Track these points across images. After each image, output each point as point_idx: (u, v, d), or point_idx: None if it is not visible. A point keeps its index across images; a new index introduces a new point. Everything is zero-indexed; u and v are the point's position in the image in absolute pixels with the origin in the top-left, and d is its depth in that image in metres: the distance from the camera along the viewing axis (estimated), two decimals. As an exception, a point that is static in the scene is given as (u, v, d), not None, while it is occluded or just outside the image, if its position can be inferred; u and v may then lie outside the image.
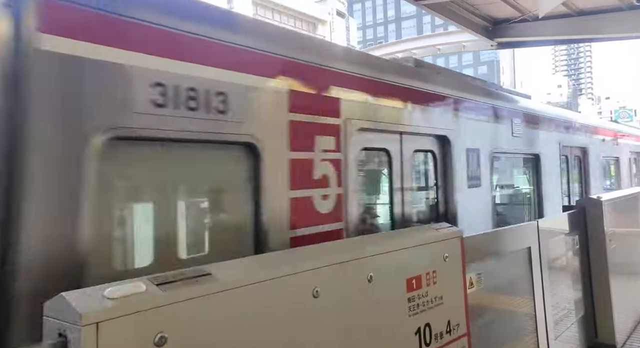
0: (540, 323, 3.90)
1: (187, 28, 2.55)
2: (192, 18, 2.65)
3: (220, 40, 2.71)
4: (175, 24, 2.51)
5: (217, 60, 2.66)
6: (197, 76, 2.54)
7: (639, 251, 6.02)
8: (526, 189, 6.30)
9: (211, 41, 2.66)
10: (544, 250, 4.04)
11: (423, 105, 4.21)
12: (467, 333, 2.86)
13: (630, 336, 5.00)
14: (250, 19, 3.84)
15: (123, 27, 2.31)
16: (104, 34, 2.23)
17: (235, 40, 2.79)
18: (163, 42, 2.44)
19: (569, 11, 8.16)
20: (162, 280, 1.64)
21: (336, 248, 2.45)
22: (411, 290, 2.53)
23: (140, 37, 2.36)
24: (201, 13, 2.75)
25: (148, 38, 2.39)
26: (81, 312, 1.35)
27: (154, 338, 1.48)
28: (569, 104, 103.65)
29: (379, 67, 4.00)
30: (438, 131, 4.36)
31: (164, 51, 2.43)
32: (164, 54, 2.42)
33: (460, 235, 2.92)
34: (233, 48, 2.78)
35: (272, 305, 1.89)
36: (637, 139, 10.97)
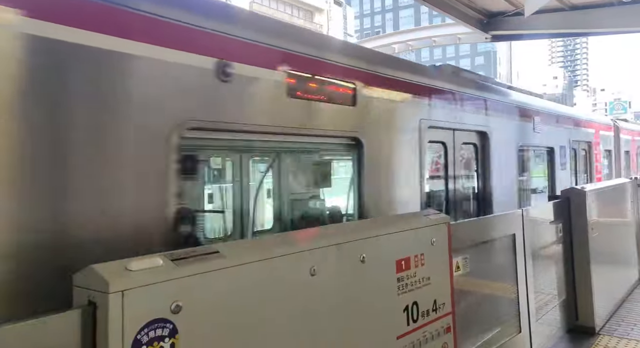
0: (522, 306, 4.14)
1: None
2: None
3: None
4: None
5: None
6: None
7: (620, 239, 6.29)
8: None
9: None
10: (528, 237, 4.27)
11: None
12: (452, 312, 3.09)
13: (609, 320, 5.27)
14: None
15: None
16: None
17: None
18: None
19: (562, 6, 8.31)
20: (176, 257, 1.83)
21: (332, 232, 2.65)
22: (400, 270, 2.74)
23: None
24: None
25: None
26: (109, 281, 1.54)
27: (171, 306, 1.68)
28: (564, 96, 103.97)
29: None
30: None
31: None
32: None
33: (447, 221, 3.13)
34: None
35: (272, 281, 2.09)
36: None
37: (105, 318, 1.53)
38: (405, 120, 4.33)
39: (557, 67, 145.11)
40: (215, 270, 1.86)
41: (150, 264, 1.70)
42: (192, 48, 2.66)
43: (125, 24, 2.42)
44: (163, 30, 2.56)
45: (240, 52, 2.93)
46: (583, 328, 4.93)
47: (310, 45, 3.49)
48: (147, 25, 2.51)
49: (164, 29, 2.57)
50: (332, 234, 2.55)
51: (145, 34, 2.48)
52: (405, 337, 2.73)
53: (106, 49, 2.34)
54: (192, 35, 2.69)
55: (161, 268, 1.71)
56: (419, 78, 4.61)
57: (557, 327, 4.78)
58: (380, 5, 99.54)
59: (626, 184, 6.86)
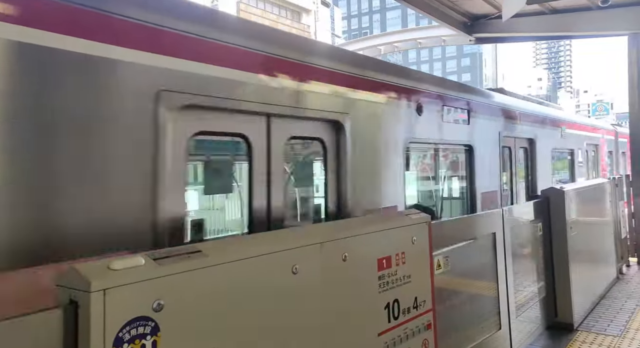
0: (502, 303, 4.23)
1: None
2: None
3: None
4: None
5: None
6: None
7: (598, 238, 6.46)
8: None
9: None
10: (508, 236, 4.36)
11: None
12: (433, 309, 3.16)
13: (587, 316, 5.41)
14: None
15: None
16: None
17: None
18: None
19: (543, 9, 8.49)
20: (158, 256, 1.86)
21: (315, 231, 2.69)
22: (382, 269, 2.80)
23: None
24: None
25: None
26: (90, 280, 1.57)
27: (152, 304, 1.71)
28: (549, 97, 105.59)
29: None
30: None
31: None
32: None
33: (427, 220, 3.19)
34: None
35: (255, 279, 2.13)
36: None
37: (87, 316, 1.55)
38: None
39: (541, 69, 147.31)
40: (197, 268, 1.89)
41: (132, 263, 1.72)
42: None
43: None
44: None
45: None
46: (562, 324, 5.06)
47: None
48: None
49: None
50: (314, 233, 2.59)
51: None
52: (387, 333, 2.78)
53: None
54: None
55: (143, 268, 1.73)
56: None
57: (537, 323, 4.90)
58: (367, 7, 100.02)
59: (605, 184, 7.04)
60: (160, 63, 2.64)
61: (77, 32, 2.31)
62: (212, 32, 2.98)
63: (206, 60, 2.89)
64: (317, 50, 3.96)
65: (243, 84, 3.12)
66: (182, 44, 2.77)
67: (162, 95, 2.63)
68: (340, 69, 3.97)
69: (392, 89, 4.67)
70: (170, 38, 2.71)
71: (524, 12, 8.55)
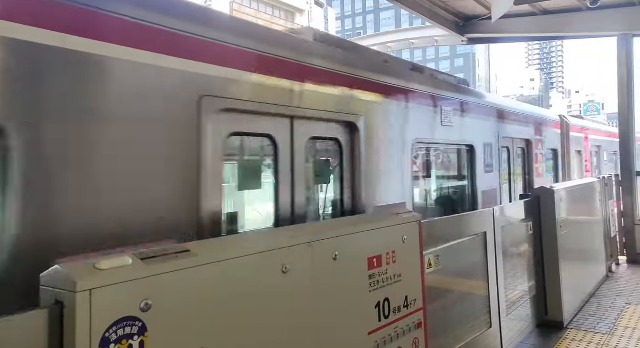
0: (493, 302, 4.26)
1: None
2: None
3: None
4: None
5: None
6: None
7: (588, 237, 6.51)
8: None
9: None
10: (498, 235, 4.39)
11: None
12: (423, 308, 3.17)
13: (576, 314, 5.45)
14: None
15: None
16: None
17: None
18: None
19: (534, 10, 8.55)
20: (146, 256, 1.85)
21: (305, 230, 2.69)
22: (372, 268, 2.81)
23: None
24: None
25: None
26: (76, 281, 1.56)
27: (140, 304, 1.70)
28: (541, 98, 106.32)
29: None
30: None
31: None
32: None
33: (418, 219, 3.21)
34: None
35: (245, 279, 2.12)
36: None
37: (72, 317, 1.54)
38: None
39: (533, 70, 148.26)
40: (185, 268, 1.88)
41: (119, 263, 1.71)
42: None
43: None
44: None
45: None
46: (552, 322, 5.10)
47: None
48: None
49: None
50: (304, 233, 2.59)
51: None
52: (377, 332, 2.79)
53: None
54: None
55: (130, 267, 1.72)
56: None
57: (527, 322, 4.93)
58: (361, 7, 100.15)
59: (595, 183, 7.10)
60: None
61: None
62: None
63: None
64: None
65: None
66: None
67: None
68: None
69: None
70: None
71: (515, 13, 8.61)
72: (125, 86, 2.57)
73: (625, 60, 8.27)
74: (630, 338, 4.69)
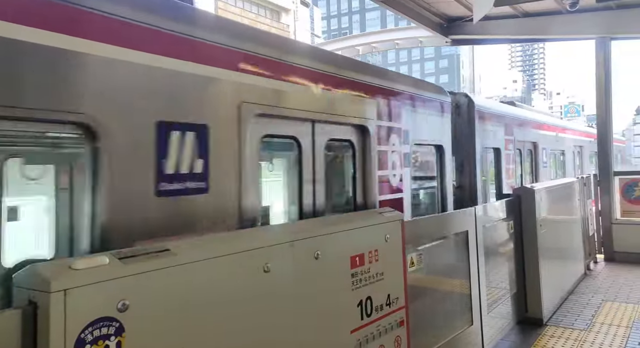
0: (474, 300, 4.31)
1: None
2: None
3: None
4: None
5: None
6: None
7: (567, 235, 6.64)
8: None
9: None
10: (480, 233, 4.45)
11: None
12: (405, 306, 3.19)
13: (555, 311, 5.56)
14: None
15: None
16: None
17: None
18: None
19: (516, 13, 8.68)
20: (124, 255, 1.82)
21: (287, 229, 2.69)
22: (355, 266, 2.81)
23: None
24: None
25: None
26: (50, 280, 1.52)
27: (117, 304, 1.67)
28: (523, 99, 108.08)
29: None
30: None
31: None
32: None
33: (400, 218, 3.23)
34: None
35: (225, 278, 2.11)
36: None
37: (46, 318, 1.51)
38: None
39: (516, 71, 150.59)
40: (164, 268, 1.86)
41: (95, 263, 1.68)
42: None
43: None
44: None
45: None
46: (532, 319, 5.18)
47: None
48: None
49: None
50: (286, 231, 2.58)
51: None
52: (359, 330, 2.80)
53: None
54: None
55: (107, 267, 1.69)
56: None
57: (508, 319, 5.00)
58: (347, 7, 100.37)
59: (574, 183, 7.25)
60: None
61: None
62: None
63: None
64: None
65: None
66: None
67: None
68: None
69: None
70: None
71: (497, 15, 8.73)
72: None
73: (603, 62, 8.45)
74: (606, 334, 4.80)
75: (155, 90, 2.76)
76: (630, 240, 8.25)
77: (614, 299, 6.00)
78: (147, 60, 2.71)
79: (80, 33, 2.41)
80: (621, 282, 6.82)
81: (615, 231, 8.38)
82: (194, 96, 2.98)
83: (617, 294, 6.21)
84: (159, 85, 2.77)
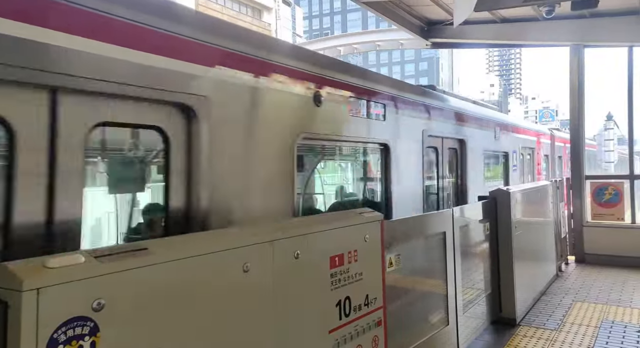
0: (450, 300, 4.38)
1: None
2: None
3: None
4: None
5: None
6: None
7: (540, 237, 6.82)
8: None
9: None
10: (457, 235, 4.52)
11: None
12: (383, 306, 3.22)
13: (528, 312, 5.70)
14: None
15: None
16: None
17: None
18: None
19: (494, 18, 8.86)
20: (100, 253, 1.78)
21: (267, 229, 2.67)
22: (334, 266, 2.82)
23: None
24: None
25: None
26: (22, 279, 1.48)
27: (92, 303, 1.63)
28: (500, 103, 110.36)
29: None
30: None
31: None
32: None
33: (380, 219, 3.25)
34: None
35: (204, 278, 2.08)
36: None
37: (17, 317, 1.46)
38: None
39: (493, 75, 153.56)
40: (141, 266, 1.83)
41: (70, 261, 1.64)
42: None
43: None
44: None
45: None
46: (506, 319, 5.30)
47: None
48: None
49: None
50: (266, 231, 2.57)
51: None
52: (338, 330, 2.81)
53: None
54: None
55: (82, 266, 1.65)
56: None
57: (482, 319, 5.10)
58: (329, 8, 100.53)
59: (548, 186, 7.44)
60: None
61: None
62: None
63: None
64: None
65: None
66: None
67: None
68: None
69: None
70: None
71: (476, 20, 8.90)
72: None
73: (577, 69, 8.70)
74: (575, 334, 4.94)
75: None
76: (600, 242, 8.52)
77: (584, 299, 6.19)
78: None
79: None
80: (591, 283, 7.04)
81: (586, 233, 8.65)
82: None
83: (587, 295, 6.41)
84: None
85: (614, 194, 8.65)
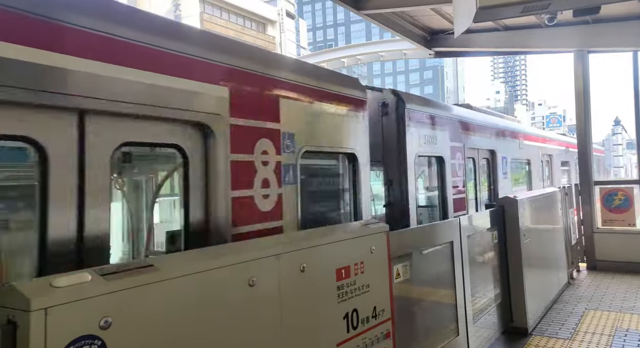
0: (460, 310, 4.33)
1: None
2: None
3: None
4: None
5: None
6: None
7: (550, 244, 6.74)
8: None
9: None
10: (465, 244, 4.49)
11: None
12: (392, 318, 3.20)
13: (540, 321, 5.61)
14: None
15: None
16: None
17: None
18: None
19: (497, 26, 8.89)
20: (107, 271, 1.80)
21: (272, 242, 2.68)
22: (340, 279, 2.82)
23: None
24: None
25: None
26: (30, 299, 1.50)
27: (100, 321, 1.65)
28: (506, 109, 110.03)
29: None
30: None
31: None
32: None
33: (386, 230, 3.25)
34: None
35: (210, 293, 2.09)
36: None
37: (26, 337, 1.48)
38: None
39: (499, 82, 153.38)
40: (147, 284, 1.84)
41: (77, 280, 1.66)
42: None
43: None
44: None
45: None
46: (517, 329, 5.23)
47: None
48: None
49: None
50: (272, 245, 2.58)
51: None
52: (346, 343, 2.79)
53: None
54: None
55: (89, 284, 1.67)
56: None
57: (493, 329, 5.04)
58: (332, 19, 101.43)
59: (556, 193, 7.38)
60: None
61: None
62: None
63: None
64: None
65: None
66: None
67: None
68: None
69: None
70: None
71: (479, 28, 8.93)
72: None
73: (582, 75, 8.68)
74: (589, 343, 4.86)
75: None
76: (611, 248, 8.40)
77: (597, 307, 6.09)
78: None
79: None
80: (603, 291, 6.93)
81: (596, 240, 8.53)
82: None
83: (600, 302, 6.31)
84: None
85: (624, 200, 8.55)
